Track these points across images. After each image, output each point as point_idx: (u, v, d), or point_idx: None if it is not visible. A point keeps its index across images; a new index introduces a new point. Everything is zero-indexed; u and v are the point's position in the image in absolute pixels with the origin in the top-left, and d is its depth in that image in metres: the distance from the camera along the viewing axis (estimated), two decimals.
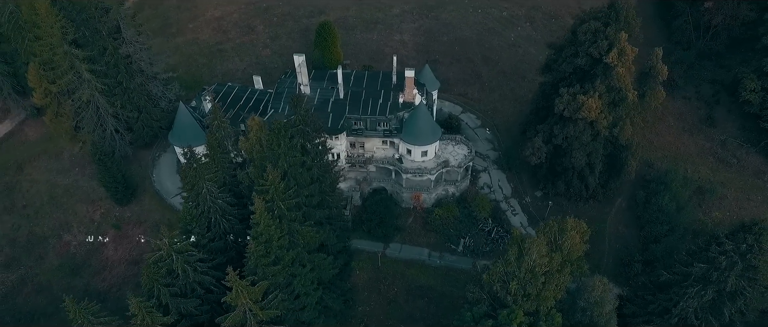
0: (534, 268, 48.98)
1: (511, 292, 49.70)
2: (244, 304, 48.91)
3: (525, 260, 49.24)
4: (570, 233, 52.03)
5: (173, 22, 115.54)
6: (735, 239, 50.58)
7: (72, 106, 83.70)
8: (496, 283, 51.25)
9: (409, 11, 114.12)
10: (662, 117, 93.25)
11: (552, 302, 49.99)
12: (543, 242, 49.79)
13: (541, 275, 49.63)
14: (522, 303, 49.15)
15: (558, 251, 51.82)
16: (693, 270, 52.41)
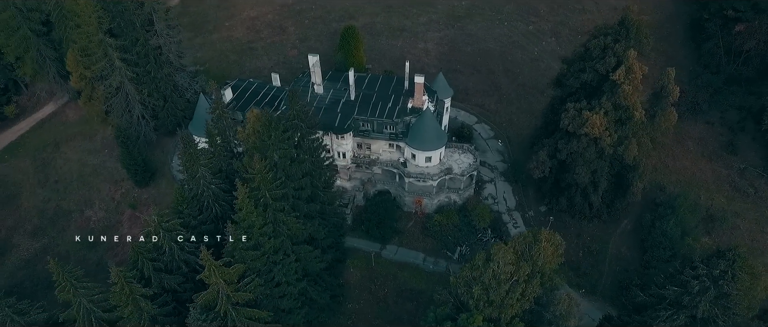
0: (499, 275, 49.23)
1: (474, 297, 50.10)
2: (217, 283, 51.56)
3: (490, 266, 49.57)
4: (542, 244, 51.82)
5: (211, 19, 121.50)
6: (709, 264, 49.05)
7: (104, 91, 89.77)
8: (462, 286, 51.76)
9: (436, 21, 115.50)
10: (681, 140, 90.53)
11: (515, 311, 49.96)
12: (509, 250, 49.99)
13: (505, 283, 49.77)
14: (483, 308, 49.44)
15: (528, 261, 51.75)
16: (666, 292, 51.04)
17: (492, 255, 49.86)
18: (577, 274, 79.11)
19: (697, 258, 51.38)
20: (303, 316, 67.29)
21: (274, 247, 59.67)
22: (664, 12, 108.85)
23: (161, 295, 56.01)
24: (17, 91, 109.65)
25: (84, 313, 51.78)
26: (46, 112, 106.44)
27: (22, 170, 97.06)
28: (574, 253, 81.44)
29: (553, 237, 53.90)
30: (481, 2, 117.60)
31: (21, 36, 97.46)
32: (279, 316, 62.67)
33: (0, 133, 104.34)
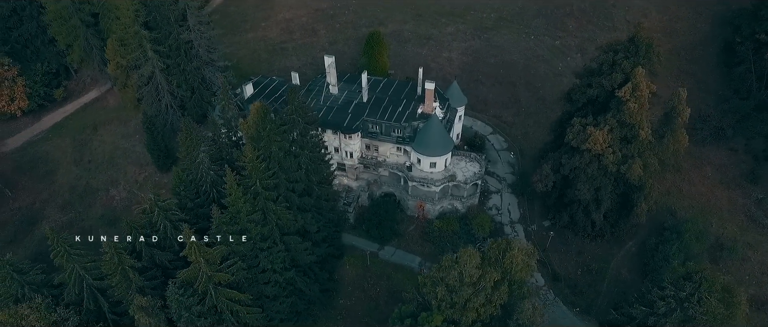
0: (464, 277, 49.85)
1: (437, 297, 50.89)
2: (198, 261, 54.70)
3: (456, 268, 50.28)
4: (512, 253, 52.04)
5: (249, 19, 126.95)
6: (677, 286, 47.74)
7: (137, 79, 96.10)
8: (429, 286, 52.63)
9: (463, 31, 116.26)
10: (699, 165, 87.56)
11: (475, 315, 50.32)
12: (476, 254, 50.51)
13: (470, 286, 50.30)
14: (445, 309, 50.12)
15: (497, 268, 52.06)
16: (634, 311, 50.03)
17: (458, 257, 50.54)
18: (573, 292, 77.88)
19: (666, 279, 50.01)
20: (289, 305, 69.68)
21: (261, 234, 62.47)
22: (698, 34, 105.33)
23: (151, 269, 59.70)
24: (67, 76, 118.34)
25: (76, 278, 56.20)
26: (90, 97, 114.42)
27: (62, 149, 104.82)
28: (573, 270, 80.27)
29: (526, 247, 53.86)
30: (510, 15, 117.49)
31: (72, 25, 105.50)
32: (263, 301, 65.25)
33: (48, 113, 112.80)
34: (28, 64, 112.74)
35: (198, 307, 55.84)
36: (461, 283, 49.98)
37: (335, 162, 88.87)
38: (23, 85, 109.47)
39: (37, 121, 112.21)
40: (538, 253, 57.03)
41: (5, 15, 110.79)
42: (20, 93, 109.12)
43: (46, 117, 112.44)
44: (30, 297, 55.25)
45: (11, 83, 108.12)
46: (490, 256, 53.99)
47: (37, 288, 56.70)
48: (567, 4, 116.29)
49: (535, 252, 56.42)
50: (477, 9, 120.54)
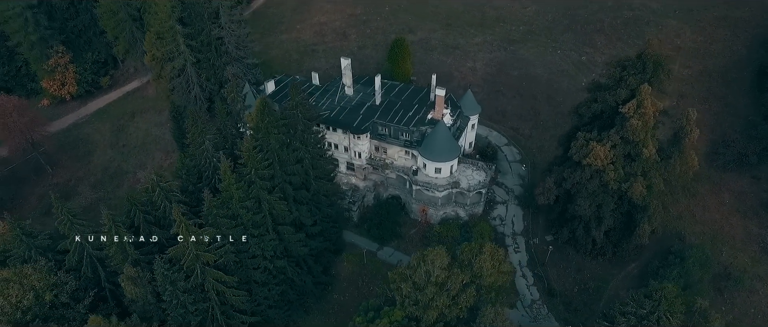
0: (430, 276, 50.74)
1: (402, 293, 51.95)
2: (186, 239, 58.16)
3: (423, 266, 51.24)
4: (482, 257, 52.45)
5: (285, 21, 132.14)
6: (637, 303, 46.71)
7: (170, 71, 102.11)
8: (397, 282, 53.76)
9: (490, 42, 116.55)
10: (716, 191, 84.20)
11: (438, 315, 50.97)
12: (445, 255, 51.28)
13: (435, 286, 51.10)
14: (407, 306, 51.10)
15: (465, 270, 52.60)
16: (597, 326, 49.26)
17: (425, 256, 51.51)
18: (568, 309, 76.60)
19: (629, 296, 48.97)
20: (279, 293, 72.22)
21: (253, 221, 65.49)
22: (733, 56, 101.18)
23: (148, 245, 63.73)
24: (114, 65, 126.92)
25: (77, 246, 60.97)
26: (132, 86, 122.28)
27: (101, 132, 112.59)
28: (570, 287, 78.98)
29: (496, 252, 54.14)
30: (539, 28, 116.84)
31: (119, 19, 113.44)
32: (252, 286, 68.11)
33: (93, 99, 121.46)
34: (80, 53, 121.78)
35: (183, 283, 59.16)
36: (427, 282, 50.86)
37: (344, 161, 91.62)
38: (74, 72, 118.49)
39: (83, 105, 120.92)
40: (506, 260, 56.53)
41: (64, 7, 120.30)
42: (71, 79, 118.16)
43: (92, 102, 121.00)
44: (35, 259, 60.44)
45: (63, 69, 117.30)
46: (462, 259, 54.50)
47: (43, 252, 61.91)
48: (598, 20, 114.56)
49: (505, 259, 56.29)
50: (507, 21, 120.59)
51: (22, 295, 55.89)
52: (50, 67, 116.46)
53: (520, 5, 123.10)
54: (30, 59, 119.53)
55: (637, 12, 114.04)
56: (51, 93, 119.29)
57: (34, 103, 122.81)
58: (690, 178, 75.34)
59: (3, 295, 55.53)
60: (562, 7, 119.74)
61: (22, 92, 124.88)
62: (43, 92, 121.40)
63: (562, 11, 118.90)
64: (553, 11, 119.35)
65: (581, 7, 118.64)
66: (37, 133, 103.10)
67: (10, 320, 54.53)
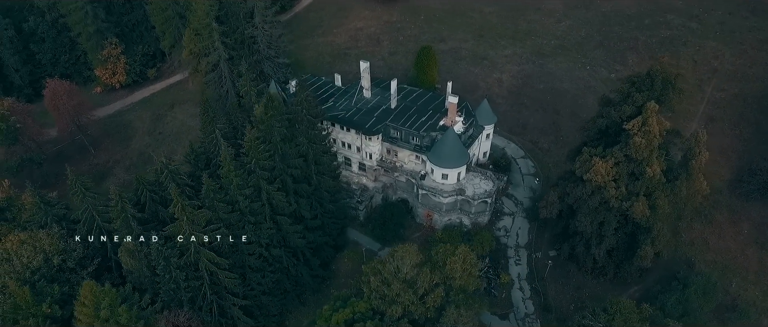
0: (398, 273, 51.93)
1: (370, 287, 53.30)
2: (182, 218, 61.98)
3: (392, 263, 52.50)
4: (453, 258, 53.09)
5: (324, 25, 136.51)
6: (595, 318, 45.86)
7: (205, 66, 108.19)
8: (368, 275, 55.16)
9: (520, 55, 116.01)
10: (735, 220, 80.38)
11: (403, 311, 51.91)
12: (415, 253, 52.32)
13: (403, 282, 52.17)
14: (374, 299, 52.39)
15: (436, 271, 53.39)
16: None
17: (396, 252, 52.74)
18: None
19: (588, 309, 48.03)
20: (274, 281, 74.98)
21: (250, 208, 68.73)
22: None
23: (152, 222, 68.20)
24: (162, 59, 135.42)
25: (87, 217, 66.19)
26: (175, 79, 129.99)
27: (142, 120, 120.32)
28: (566, 304, 77.48)
29: (468, 255, 54.55)
30: (571, 44, 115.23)
31: (167, 15, 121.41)
32: (245, 271, 71.20)
33: (140, 89, 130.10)
34: (131, 46, 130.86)
35: (177, 260, 62.94)
36: (395, 277, 52.01)
37: (357, 161, 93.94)
38: (124, 63, 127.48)
39: (130, 94, 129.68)
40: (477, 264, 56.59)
41: (120, 2, 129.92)
42: (121, 69, 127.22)
43: (138, 92, 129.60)
44: (50, 226, 66.12)
45: (115, 60, 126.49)
46: (436, 260, 55.20)
47: (58, 220, 67.60)
48: (633, 37, 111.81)
49: (476, 263, 56.50)
50: (539, 35, 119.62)
51: (33, 257, 61.40)
52: (104, 57, 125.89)
53: (554, 19, 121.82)
54: (87, 49, 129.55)
55: (675, 31, 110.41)
56: (103, 81, 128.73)
57: (88, 89, 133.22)
58: (698, 202, 72.30)
59: (17, 254, 61.20)
60: (597, 23, 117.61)
61: (79, 79, 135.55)
62: (96, 80, 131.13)
63: (597, 27, 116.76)
64: (587, 27, 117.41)
65: (617, 24, 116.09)
66: (83, 117, 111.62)
67: (19, 277, 60.04)
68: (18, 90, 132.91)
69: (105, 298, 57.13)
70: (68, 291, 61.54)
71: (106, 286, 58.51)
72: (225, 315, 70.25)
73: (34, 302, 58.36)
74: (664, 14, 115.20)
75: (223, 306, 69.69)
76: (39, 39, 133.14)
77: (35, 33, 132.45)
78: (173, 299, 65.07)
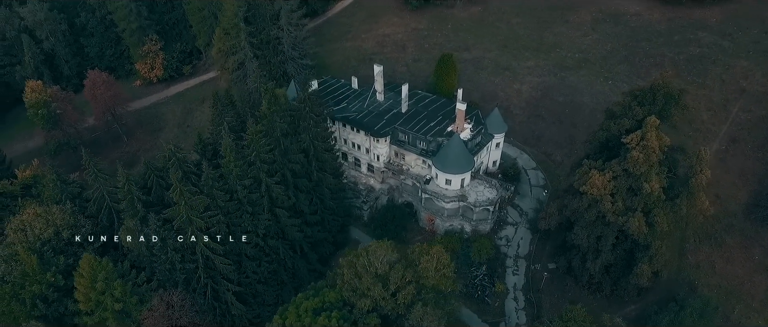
0: (370, 267, 53.22)
1: (343, 279, 54.72)
2: (180, 202, 65.44)
3: (365, 256, 53.85)
4: (426, 257, 53.92)
5: (353, 30, 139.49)
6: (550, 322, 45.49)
7: (231, 64, 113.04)
8: (343, 267, 56.63)
9: (542, 66, 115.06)
10: (747, 245, 77.21)
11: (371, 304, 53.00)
12: (388, 248, 53.47)
13: (374, 276, 53.37)
14: (345, 291, 53.76)
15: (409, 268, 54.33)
16: None
17: (369, 247, 54.06)
18: None
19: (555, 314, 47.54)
20: (271, 272, 77.53)
21: (249, 199, 71.65)
22: None
23: (157, 205, 72.08)
24: (198, 56, 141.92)
25: (98, 196, 70.79)
26: (209, 76, 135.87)
27: (174, 113, 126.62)
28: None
29: (441, 255, 55.19)
30: (595, 57, 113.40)
31: (203, 15, 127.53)
32: (241, 258, 73.98)
33: (175, 84, 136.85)
34: (170, 43, 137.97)
35: (173, 242, 66.40)
36: (366, 272, 53.29)
37: (366, 162, 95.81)
38: (162, 59, 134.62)
39: (166, 88, 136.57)
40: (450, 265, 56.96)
41: (163, 1, 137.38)
42: (158, 64, 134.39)
43: (173, 86, 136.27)
44: (64, 202, 71.11)
45: (154, 55, 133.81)
46: (411, 258, 56.07)
47: (73, 198, 72.56)
48: (660, 54, 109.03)
49: (449, 264, 56.97)
50: (564, 47, 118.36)
51: (45, 229, 66.32)
52: (144, 53, 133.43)
53: (581, 33, 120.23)
54: (130, 45, 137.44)
55: (705, 49, 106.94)
56: (142, 75, 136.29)
57: (129, 82, 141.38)
58: (700, 221, 70.04)
59: (31, 226, 66.26)
60: (624, 38, 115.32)
61: (122, 72, 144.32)
62: (136, 74, 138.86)
63: (624, 42, 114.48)
64: (613, 41, 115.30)
65: (645, 39, 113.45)
66: (119, 107, 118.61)
67: (30, 247, 64.93)
68: (67, 80, 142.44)
69: (102, 272, 61.01)
70: (73, 263, 65.89)
71: (104, 260, 62.47)
72: (219, 299, 73.21)
73: (40, 270, 63.00)
74: (695, 31, 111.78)
75: (217, 290, 72.66)
76: (88, 34, 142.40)
77: (85, 28, 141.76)
78: (168, 280, 68.58)
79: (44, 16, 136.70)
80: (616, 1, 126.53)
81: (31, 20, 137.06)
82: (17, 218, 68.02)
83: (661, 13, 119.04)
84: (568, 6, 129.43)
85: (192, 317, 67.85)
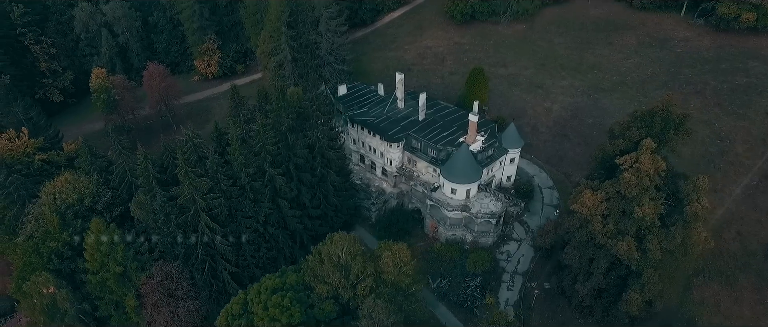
0: (331, 255, 55.79)
1: (308, 265, 57.51)
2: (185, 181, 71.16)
3: (330, 245, 56.49)
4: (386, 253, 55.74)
5: (397, 41, 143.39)
6: None
7: (272, 65, 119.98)
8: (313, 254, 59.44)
9: (576, 87, 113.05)
10: (762, 287, 72.44)
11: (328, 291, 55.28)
12: (352, 240, 55.79)
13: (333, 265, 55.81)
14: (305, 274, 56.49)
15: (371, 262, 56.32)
16: None
17: (333, 237, 56.68)
18: None
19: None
20: (270, 259, 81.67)
21: (252, 186, 76.44)
22: None
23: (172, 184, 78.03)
24: (252, 57, 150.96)
25: (120, 170, 78.25)
26: (258, 75, 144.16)
27: (221, 107, 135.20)
28: None
29: (402, 252, 56.69)
30: (633, 81, 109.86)
31: (256, 19, 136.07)
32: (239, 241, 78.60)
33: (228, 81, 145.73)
34: (227, 43, 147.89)
35: (176, 218, 72.17)
36: (329, 259, 55.83)
37: (380, 166, 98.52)
38: (218, 57, 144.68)
39: (219, 84, 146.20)
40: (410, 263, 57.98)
41: (224, 4, 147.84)
42: (214, 62, 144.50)
43: (225, 83, 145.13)
44: (92, 173, 79.23)
45: (211, 54, 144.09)
46: (377, 254, 57.83)
47: (100, 170, 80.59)
48: (702, 81, 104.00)
49: (409, 262, 58.17)
50: (602, 69, 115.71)
51: (70, 195, 74.33)
52: (202, 51, 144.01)
53: (622, 56, 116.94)
54: (191, 43, 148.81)
55: (753, 80, 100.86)
56: (200, 71, 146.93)
57: (189, 77, 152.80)
58: (697, 253, 66.49)
59: (59, 191, 74.56)
60: (667, 63, 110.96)
61: (183, 68, 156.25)
62: (195, 70, 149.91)
63: (666, 67, 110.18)
64: (654, 66, 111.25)
65: (689, 66, 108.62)
66: (171, 98, 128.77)
67: (56, 209, 73.05)
68: (136, 71, 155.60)
69: (107, 236, 67.65)
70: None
71: (111, 225, 69.19)
72: (217, 278, 78.16)
73: (59, 230, 70.74)
74: (745, 60, 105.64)
75: (215, 269, 77.70)
76: (158, 31, 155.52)
77: (157, 25, 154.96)
78: (170, 252, 74.35)
79: (122, 13, 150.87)
80: (667, 26, 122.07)
81: (111, 16, 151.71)
82: (51, 184, 76.66)
83: (712, 39, 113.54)
84: (616, 28, 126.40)
85: (187, 290, 73.06)
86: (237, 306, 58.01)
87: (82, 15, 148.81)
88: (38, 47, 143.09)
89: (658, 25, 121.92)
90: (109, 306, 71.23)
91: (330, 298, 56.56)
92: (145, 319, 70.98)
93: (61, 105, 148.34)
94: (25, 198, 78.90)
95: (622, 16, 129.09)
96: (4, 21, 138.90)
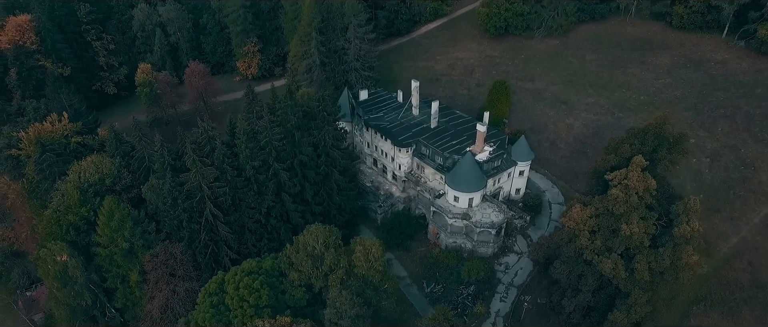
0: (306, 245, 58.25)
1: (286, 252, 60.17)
2: (194, 167, 75.92)
3: (306, 235, 59.00)
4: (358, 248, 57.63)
5: (430, 51, 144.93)
6: None
7: (302, 68, 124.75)
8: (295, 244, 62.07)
9: (601, 105, 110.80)
10: (764, 322, 68.61)
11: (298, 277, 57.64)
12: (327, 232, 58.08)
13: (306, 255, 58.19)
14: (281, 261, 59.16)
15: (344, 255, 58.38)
16: None
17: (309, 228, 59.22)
18: None
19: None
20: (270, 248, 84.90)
21: (256, 179, 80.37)
22: None
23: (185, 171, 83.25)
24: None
25: (139, 156, 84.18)
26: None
27: None
28: None
29: (373, 247, 58.30)
30: (660, 101, 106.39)
31: (293, 25, 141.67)
32: (244, 230, 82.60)
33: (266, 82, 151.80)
34: (268, 47, 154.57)
35: (182, 202, 76.92)
36: (303, 249, 58.30)
37: (390, 170, 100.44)
38: (259, 60, 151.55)
39: (257, 85, 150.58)
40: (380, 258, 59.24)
41: (267, 10, 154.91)
42: (255, 64, 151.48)
43: (264, 84, 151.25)
44: (114, 156, 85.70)
45: (252, 56, 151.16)
46: (352, 248, 59.66)
47: (123, 154, 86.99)
48: (734, 105, 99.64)
49: (379, 258, 59.55)
50: (631, 88, 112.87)
51: (93, 174, 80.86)
52: (245, 52, 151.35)
53: (654, 75, 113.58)
54: (235, 45, 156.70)
55: None
56: (241, 71, 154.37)
57: (231, 77, 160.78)
58: (687, 278, 64.18)
59: (83, 170, 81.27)
60: (699, 85, 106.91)
61: (228, 68, 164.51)
62: (237, 70, 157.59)
63: (697, 89, 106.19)
64: (685, 87, 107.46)
65: (722, 88, 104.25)
66: (209, 95, 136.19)
67: (78, 186, 79.62)
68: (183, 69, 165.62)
69: (117, 213, 73.20)
70: None
71: (122, 204, 74.74)
72: (218, 262, 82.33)
73: (79, 205, 77.11)
74: None
75: (218, 254, 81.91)
76: (207, 32, 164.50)
77: (206, 27, 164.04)
78: (176, 235, 79.20)
79: (176, 15, 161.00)
80: (706, 47, 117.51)
81: (165, 17, 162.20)
82: (79, 164, 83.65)
83: (751, 63, 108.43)
84: (652, 47, 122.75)
85: (189, 271, 77.56)
86: (214, 285, 61.52)
87: (141, 15, 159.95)
88: (99, 43, 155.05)
89: (697, 46, 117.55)
90: (115, 279, 76.73)
91: (302, 286, 58.92)
92: (147, 294, 75.92)
93: (115, 97, 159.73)
94: (56, 175, 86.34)
95: (660, 36, 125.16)
96: (71, 18, 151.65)
